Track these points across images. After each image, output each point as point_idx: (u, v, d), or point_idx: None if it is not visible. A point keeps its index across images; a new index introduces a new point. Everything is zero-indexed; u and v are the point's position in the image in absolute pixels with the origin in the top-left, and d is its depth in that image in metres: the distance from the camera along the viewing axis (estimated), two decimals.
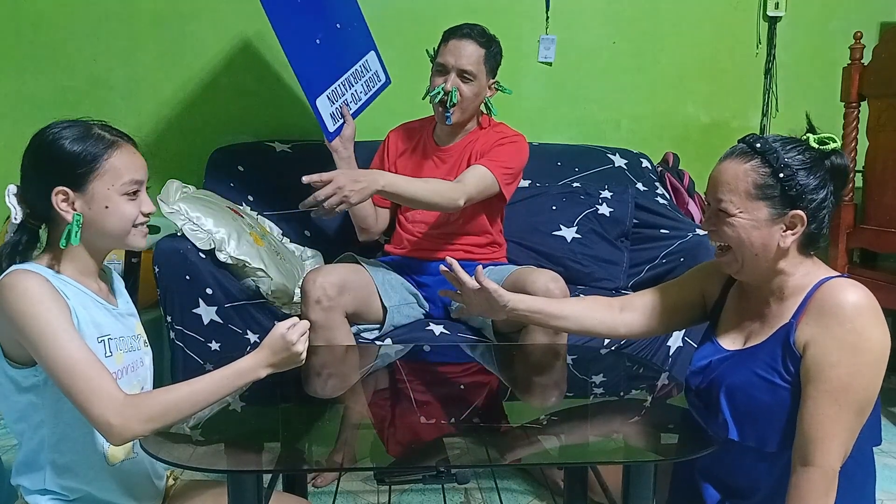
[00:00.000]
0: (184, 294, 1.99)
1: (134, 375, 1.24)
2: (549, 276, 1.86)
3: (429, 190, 1.89)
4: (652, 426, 1.34)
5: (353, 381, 1.64)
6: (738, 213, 1.18)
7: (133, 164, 1.18)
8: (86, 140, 1.15)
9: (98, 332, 1.17)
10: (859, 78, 2.76)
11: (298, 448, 1.19)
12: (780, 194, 1.17)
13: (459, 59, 2.00)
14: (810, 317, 1.16)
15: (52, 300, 1.08)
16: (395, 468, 1.19)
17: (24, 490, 1.18)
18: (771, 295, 1.24)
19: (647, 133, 3.06)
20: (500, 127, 2.17)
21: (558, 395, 1.54)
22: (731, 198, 1.19)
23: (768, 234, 1.18)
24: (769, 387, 1.19)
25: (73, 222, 1.13)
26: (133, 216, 1.18)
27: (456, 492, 1.94)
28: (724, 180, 1.20)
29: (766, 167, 1.17)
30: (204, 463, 1.09)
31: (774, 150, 1.17)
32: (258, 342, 1.99)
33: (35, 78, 2.73)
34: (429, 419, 1.30)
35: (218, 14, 2.78)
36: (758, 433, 1.21)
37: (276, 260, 2.19)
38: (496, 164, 2.03)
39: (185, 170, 2.78)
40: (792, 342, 1.17)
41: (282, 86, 2.86)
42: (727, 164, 1.21)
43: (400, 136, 2.24)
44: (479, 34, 2.04)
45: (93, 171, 1.14)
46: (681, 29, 3.01)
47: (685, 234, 2.41)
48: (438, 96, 2.01)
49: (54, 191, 1.12)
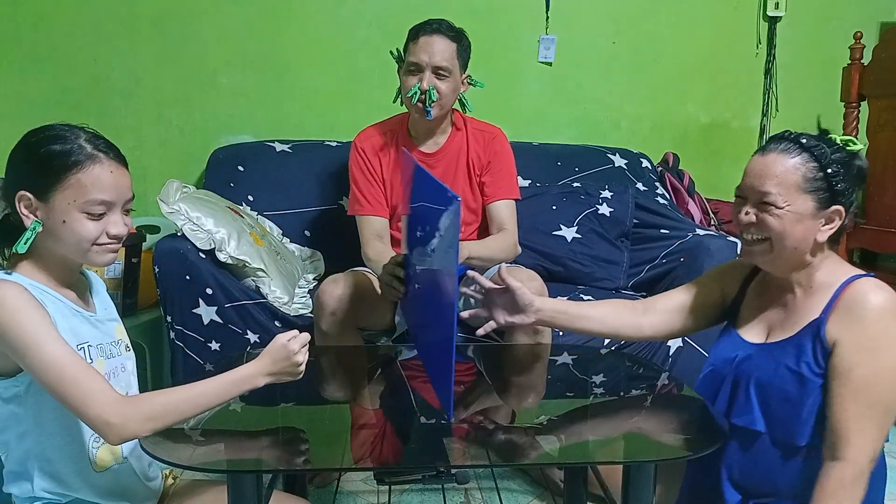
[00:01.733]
0: (184, 294, 1.99)
1: (115, 381, 1.22)
2: (526, 274, 1.87)
3: (497, 249, 1.97)
4: (652, 426, 1.34)
5: (352, 382, 1.64)
6: (785, 206, 1.20)
7: (104, 182, 1.11)
8: (62, 149, 1.10)
9: (77, 339, 1.14)
10: (859, 78, 2.76)
11: (298, 448, 1.19)
12: (825, 188, 1.20)
13: (433, 57, 1.93)
14: (839, 313, 1.19)
15: (32, 307, 1.06)
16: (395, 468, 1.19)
17: (16, 498, 1.18)
18: (797, 287, 1.27)
19: (647, 133, 3.07)
20: (477, 124, 2.13)
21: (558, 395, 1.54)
22: (779, 190, 1.20)
23: (809, 227, 1.21)
24: (799, 380, 1.21)
25: (29, 228, 1.10)
26: (90, 237, 1.12)
27: (456, 492, 1.94)
28: (773, 172, 1.20)
29: (815, 162, 1.19)
30: (204, 463, 1.09)
31: (821, 146, 1.20)
32: (258, 342, 2.01)
33: (35, 78, 2.73)
34: (429, 419, 1.30)
35: (218, 14, 2.79)
36: (786, 427, 1.22)
37: (276, 260, 2.19)
38: (511, 185, 2.09)
39: (185, 170, 2.79)
40: (823, 335, 1.19)
41: (282, 86, 2.86)
42: (773, 156, 1.22)
43: (372, 140, 2.10)
44: (448, 29, 1.98)
45: (57, 183, 1.09)
46: (681, 29, 3.01)
47: (685, 234, 2.41)
48: (416, 97, 1.94)
49: (17, 194, 1.10)
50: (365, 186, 2.06)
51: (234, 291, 2.03)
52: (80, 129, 1.14)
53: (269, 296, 2.06)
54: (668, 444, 1.25)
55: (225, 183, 2.52)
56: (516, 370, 1.71)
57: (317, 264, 2.51)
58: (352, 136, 2.70)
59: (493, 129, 2.14)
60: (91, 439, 1.17)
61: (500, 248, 1.99)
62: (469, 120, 2.12)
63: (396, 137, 2.09)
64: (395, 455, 1.20)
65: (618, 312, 1.46)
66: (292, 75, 2.86)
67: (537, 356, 1.78)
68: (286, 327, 2.04)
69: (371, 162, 2.07)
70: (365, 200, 2.05)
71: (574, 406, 1.46)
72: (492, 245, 1.98)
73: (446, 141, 2.09)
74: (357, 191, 2.07)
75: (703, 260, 2.21)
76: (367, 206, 2.05)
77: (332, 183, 2.55)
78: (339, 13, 2.85)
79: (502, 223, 2.06)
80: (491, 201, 2.09)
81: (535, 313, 1.43)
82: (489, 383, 1.60)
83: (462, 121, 2.11)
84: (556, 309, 1.45)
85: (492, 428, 1.25)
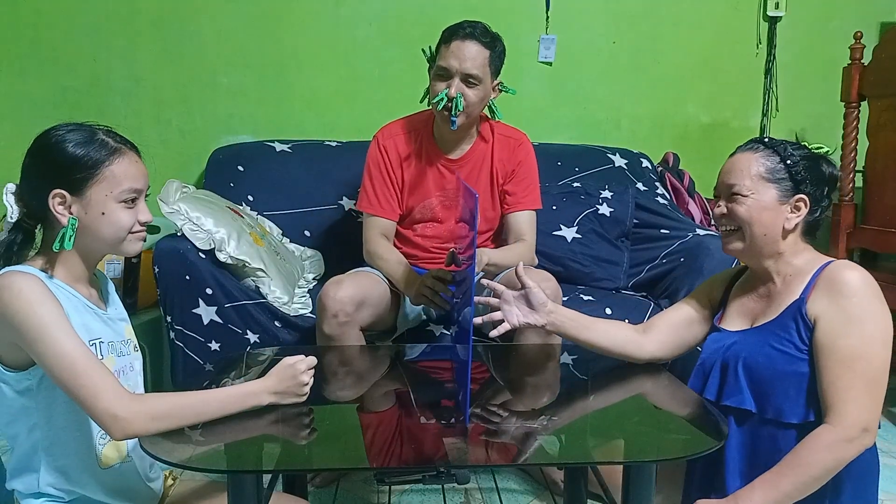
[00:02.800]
0: (184, 294, 1.99)
1: (124, 380, 1.23)
2: (541, 276, 1.85)
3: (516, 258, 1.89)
4: (652, 426, 1.34)
5: (352, 381, 1.64)
6: (749, 195, 1.30)
7: (133, 172, 1.17)
8: (88, 145, 1.14)
9: (89, 335, 1.16)
10: (859, 78, 2.76)
11: (298, 448, 1.19)
12: (787, 178, 1.30)
13: (464, 63, 1.85)
14: (819, 291, 1.26)
15: (48, 300, 1.08)
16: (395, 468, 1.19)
17: (19, 494, 1.18)
18: (775, 276, 1.34)
19: (647, 133, 3.07)
20: (503, 129, 2.09)
21: (558, 395, 1.54)
22: (742, 181, 1.31)
23: (775, 214, 1.30)
24: (785, 358, 1.27)
25: (67, 226, 1.13)
26: (129, 225, 1.17)
27: (456, 492, 1.94)
28: (737, 168, 1.33)
29: (775, 155, 1.31)
30: (204, 463, 1.09)
31: (781, 143, 1.33)
32: (258, 342, 2.01)
33: (35, 78, 2.73)
34: (429, 419, 1.30)
35: (218, 14, 2.79)
36: (775, 404, 1.27)
37: (276, 260, 2.19)
38: (534, 196, 2.07)
39: (185, 170, 2.79)
40: (804, 313, 1.26)
41: (282, 86, 2.86)
42: (738, 155, 1.35)
43: (396, 139, 2.05)
44: (483, 33, 1.90)
45: (92, 177, 1.13)
46: (681, 29, 3.01)
47: (685, 234, 2.41)
48: (442, 103, 1.87)
49: (51, 193, 1.12)
50: (379, 185, 2.03)
51: (234, 291, 2.03)
52: (92, 126, 1.18)
53: (269, 296, 2.06)
54: (668, 444, 1.25)
55: (225, 183, 2.52)
56: (520, 370, 1.71)
57: (317, 264, 2.51)
58: (352, 135, 2.73)
59: (519, 134, 2.09)
60: (98, 435, 1.18)
61: (518, 257, 1.92)
62: (496, 125, 2.07)
63: (421, 138, 2.04)
64: (396, 455, 1.20)
65: (622, 330, 1.52)
66: (292, 75, 2.86)
67: (545, 356, 1.78)
68: (286, 327, 2.05)
69: (391, 161, 2.02)
70: (376, 200, 2.02)
71: (574, 406, 1.46)
72: (509, 254, 1.96)
73: (471, 148, 2.04)
74: (370, 187, 2.03)
75: (703, 260, 2.21)
76: (376, 206, 2.02)
77: (332, 183, 2.55)
78: (339, 13, 2.85)
79: (522, 234, 2.04)
80: (512, 211, 2.05)
81: (548, 314, 1.47)
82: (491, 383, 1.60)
83: (489, 128, 2.06)
84: (567, 315, 1.49)
85: (493, 428, 1.25)
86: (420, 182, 2.04)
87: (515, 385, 1.59)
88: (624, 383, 1.51)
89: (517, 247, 2.02)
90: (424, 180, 2.04)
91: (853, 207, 2.79)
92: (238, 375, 1.47)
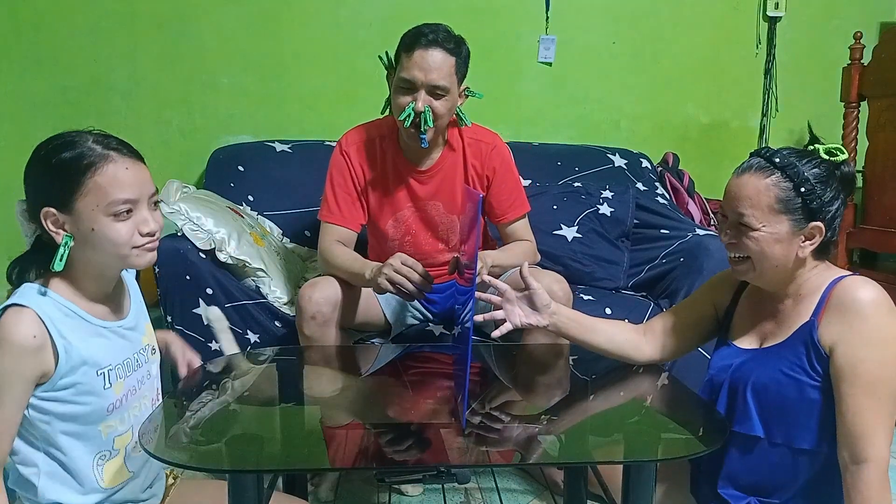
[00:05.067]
0: (184, 294, 1.99)
1: (136, 397, 1.22)
2: (553, 278, 1.83)
3: (520, 256, 1.89)
4: (652, 426, 1.34)
5: (353, 381, 1.64)
6: (761, 228, 1.20)
7: (122, 180, 1.07)
8: (73, 154, 1.06)
9: (96, 365, 1.13)
10: (859, 78, 2.76)
11: (298, 448, 1.19)
12: (801, 207, 1.19)
13: (429, 74, 1.72)
14: (831, 315, 1.19)
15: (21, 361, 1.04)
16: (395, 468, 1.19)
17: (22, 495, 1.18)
18: (787, 298, 1.27)
19: (647, 133, 3.07)
20: (472, 132, 1.96)
21: (559, 395, 1.54)
22: (753, 212, 1.20)
23: (788, 246, 1.21)
24: (796, 385, 1.21)
25: (61, 244, 1.06)
26: (125, 239, 1.09)
27: (456, 492, 1.94)
28: (746, 195, 1.21)
29: (788, 181, 1.19)
30: (204, 463, 1.08)
31: (794, 165, 1.19)
32: (258, 342, 2.01)
33: (35, 78, 2.73)
34: (429, 419, 1.30)
35: (218, 14, 2.79)
36: (786, 430, 1.22)
37: (276, 260, 2.19)
38: (520, 200, 2.01)
39: (185, 170, 2.79)
40: (816, 340, 1.19)
41: (282, 86, 2.86)
42: (747, 178, 1.22)
43: (359, 146, 1.94)
44: (446, 39, 1.76)
45: (76, 190, 1.05)
46: (681, 29, 3.02)
47: (685, 234, 2.41)
48: (409, 119, 1.75)
49: (42, 212, 1.06)
50: (341, 194, 1.93)
51: (234, 291, 2.03)
52: (88, 133, 1.10)
53: (269, 296, 2.06)
54: (668, 444, 1.25)
55: (225, 183, 2.52)
56: (522, 370, 1.71)
57: (317, 264, 2.51)
58: None
59: (490, 136, 1.98)
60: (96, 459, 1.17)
61: (522, 255, 1.92)
62: (464, 130, 1.95)
63: (386, 148, 1.93)
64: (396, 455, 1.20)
65: (624, 332, 1.49)
66: (292, 75, 2.86)
67: (547, 356, 1.78)
68: (286, 327, 2.05)
69: (355, 172, 1.93)
70: (337, 208, 1.93)
71: (574, 406, 1.46)
72: (511, 254, 1.93)
73: (441, 156, 1.93)
74: (332, 196, 1.95)
75: (703, 260, 2.21)
76: (336, 215, 1.93)
77: None
78: (338, 14, 2.85)
79: (521, 239, 2.02)
80: (504, 222, 2.00)
81: (551, 316, 1.44)
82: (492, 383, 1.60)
83: (458, 133, 1.95)
84: (569, 317, 1.47)
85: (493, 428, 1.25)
86: (388, 193, 1.95)
87: (516, 385, 1.59)
88: (624, 383, 1.51)
89: (517, 245, 2.00)
90: (394, 192, 1.94)
91: (853, 207, 2.79)
92: (238, 376, 1.47)
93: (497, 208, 1.99)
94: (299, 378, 1.65)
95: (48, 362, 1.07)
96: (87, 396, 1.12)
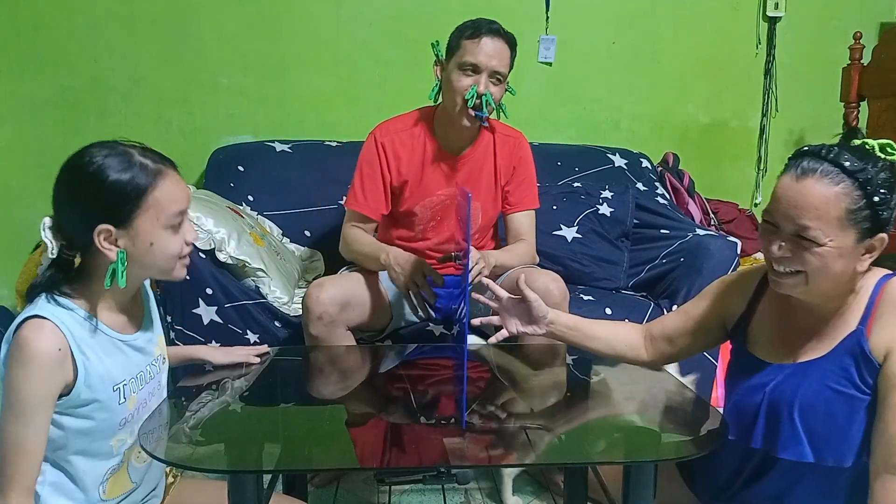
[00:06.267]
0: (184, 294, 1.99)
1: (147, 409, 1.22)
2: (549, 277, 1.85)
3: (520, 258, 1.96)
4: (652, 426, 1.34)
5: (352, 382, 1.64)
6: (827, 242, 1.06)
7: (177, 193, 1.11)
8: (129, 171, 1.06)
9: (112, 381, 1.13)
10: (859, 78, 2.76)
11: (298, 448, 1.19)
12: (869, 217, 1.06)
13: (492, 60, 1.83)
14: (883, 321, 1.10)
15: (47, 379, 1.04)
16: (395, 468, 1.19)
17: None
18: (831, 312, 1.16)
19: (647, 133, 3.07)
20: (502, 128, 2.08)
21: (559, 395, 1.54)
22: (820, 225, 1.05)
23: (850, 260, 1.09)
24: (846, 400, 1.12)
25: (117, 261, 1.07)
26: (178, 251, 1.13)
27: (456, 492, 1.94)
28: (813, 204, 1.05)
29: (859, 190, 1.05)
30: (204, 463, 1.08)
31: (866, 171, 1.05)
32: (258, 342, 2.01)
33: (35, 78, 2.73)
34: (429, 419, 1.30)
35: (218, 14, 2.79)
36: (835, 451, 1.13)
37: (276, 260, 2.19)
38: (532, 195, 2.08)
39: (186, 170, 2.76)
40: (868, 351, 1.10)
41: (282, 86, 2.86)
42: (812, 183, 1.06)
43: (395, 137, 1.99)
44: (506, 33, 1.90)
45: (138, 207, 1.07)
46: (681, 29, 3.02)
47: (685, 234, 2.41)
48: (473, 100, 1.83)
49: (97, 230, 1.06)
50: (368, 184, 1.98)
51: (234, 291, 2.03)
52: (125, 146, 1.10)
53: (269, 296, 2.06)
54: (668, 444, 1.25)
55: (225, 183, 2.52)
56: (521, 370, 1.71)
57: (317, 264, 2.51)
58: (352, 135, 2.72)
59: (517, 133, 2.10)
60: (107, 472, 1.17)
61: (521, 257, 1.99)
62: (496, 124, 2.06)
63: (422, 136, 2.00)
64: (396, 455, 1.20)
65: (624, 338, 1.45)
66: (292, 75, 2.86)
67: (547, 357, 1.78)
68: (286, 327, 2.05)
69: (389, 162, 1.97)
70: (363, 197, 1.98)
71: (574, 406, 1.46)
72: (512, 254, 1.97)
73: (473, 146, 2.02)
74: (360, 185, 1.99)
75: (703, 260, 2.21)
76: (361, 203, 1.98)
77: (332, 183, 2.55)
78: (339, 13, 2.85)
79: (521, 234, 2.04)
80: (513, 212, 2.06)
81: (548, 325, 1.43)
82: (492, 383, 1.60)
83: (490, 127, 2.05)
84: (567, 325, 1.45)
85: (493, 428, 1.25)
86: (421, 180, 2.01)
87: (516, 385, 1.59)
88: (624, 383, 1.51)
89: (518, 247, 2.03)
90: (425, 178, 2.01)
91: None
92: (238, 376, 1.47)
93: (510, 197, 2.07)
94: (299, 378, 1.65)
95: (69, 375, 1.07)
96: (102, 412, 1.12)
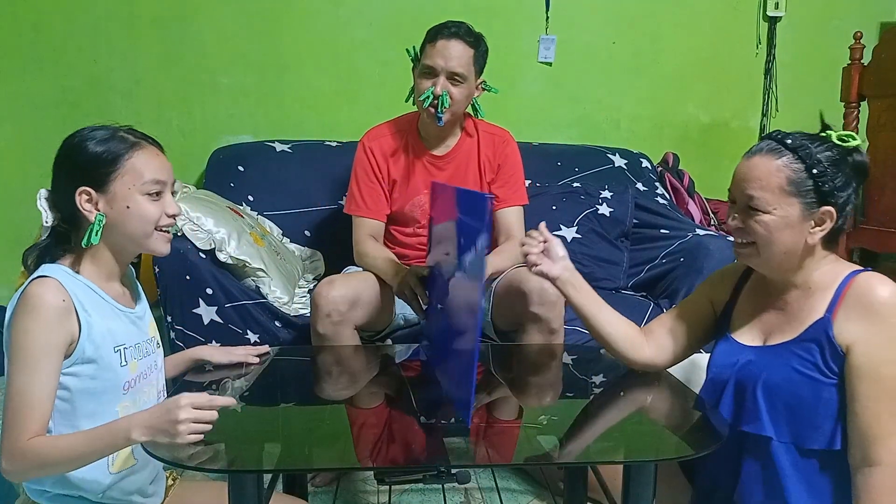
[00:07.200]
0: (184, 294, 1.99)
1: (146, 382, 1.27)
2: None
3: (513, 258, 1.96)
4: (652, 426, 1.34)
5: (352, 381, 1.64)
6: (771, 211, 1.17)
7: (155, 164, 1.20)
8: (109, 141, 1.17)
9: (114, 341, 1.19)
10: (859, 78, 2.76)
11: (298, 448, 1.19)
12: (812, 190, 1.16)
13: (449, 62, 1.89)
14: (849, 312, 1.16)
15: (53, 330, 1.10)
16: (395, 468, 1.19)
17: (27, 488, 1.19)
18: (794, 289, 1.24)
19: (647, 133, 3.07)
20: (487, 127, 2.11)
21: (558, 395, 1.54)
22: (763, 194, 1.17)
23: (798, 231, 1.17)
24: (811, 383, 1.18)
25: (94, 222, 1.15)
26: (155, 217, 1.19)
27: (456, 492, 1.94)
28: (756, 176, 1.18)
29: (799, 163, 1.16)
30: (204, 463, 1.08)
31: (806, 147, 1.16)
32: (258, 342, 2.01)
33: (35, 78, 2.73)
34: (429, 419, 1.30)
35: (218, 14, 2.79)
36: (796, 429, 1.19)
37: (276, 260, 2.19)
38: (520, 191, 2.09)
39: (186, 170, 2.79)
40: (832, 338, 1.16)
41: (282, 86, 2.86)
42: (757, 159, 1.19)
43: (381, 140, 2.07)
44: (467, 33, 1.93)
45: (114, 171, 1.16)
46: (681, 29, 3.02)
47: (685, 234, 2.41)
48: (428, 101, 1.90)
49: (77, 191, 1.15)
50: (366, 188, 2.04)
51: (234, 291, 2.03)
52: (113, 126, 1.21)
53: (269, 296, 2.06)
54: (668, 444, 1.25)
55: (225, 183, 2.53)
56: (521, 370, 1.71)
57: (317, 264, 2.51)
58: (352, 135, 2.72)
59: (503, 131, 2.12)
60: None
61: (515, 258, 1.98)
62: (479, 123, 2.10)
63: (406, 138, 2.06)
64: (396, 455, 1.20)
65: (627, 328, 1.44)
66: (292, 75, 2.86)
67: (545, 356, 1.78)
68: (286, 327, 2.05)
69: (378, 163, 2.04)
70: (363, 202, 2.04)
71: (574, 406, 1.46)
72: (505, 256, 1.98)
73: (456, 144, 2.06)
74: (357, 190, 2.05)
75: (703, 260, 2.21)
76: (364, 208, 2.03)
77: (332, 183, 2.55)
78: (338, 13, 2.85)
79: (510, 230, 2.05)
80: (500, 208, 2.07)
81: (563, 269, 1.40)
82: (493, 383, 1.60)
83: (473, 125, 2.09)
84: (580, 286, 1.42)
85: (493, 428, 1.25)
86: (408, 179, 2.06)
87: (516, 385, 1.59)
88: (624, 383, 1.51)
89: (508, 247, 2.03)
90: (412, 177, 2.06)
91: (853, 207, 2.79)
92: (238, 376, 1.47)
93: (498, 193, 2.08)
94: (300, 378, 1.65)
95: (74, 329, 1.13)
96: (106, 372, 1.17)
